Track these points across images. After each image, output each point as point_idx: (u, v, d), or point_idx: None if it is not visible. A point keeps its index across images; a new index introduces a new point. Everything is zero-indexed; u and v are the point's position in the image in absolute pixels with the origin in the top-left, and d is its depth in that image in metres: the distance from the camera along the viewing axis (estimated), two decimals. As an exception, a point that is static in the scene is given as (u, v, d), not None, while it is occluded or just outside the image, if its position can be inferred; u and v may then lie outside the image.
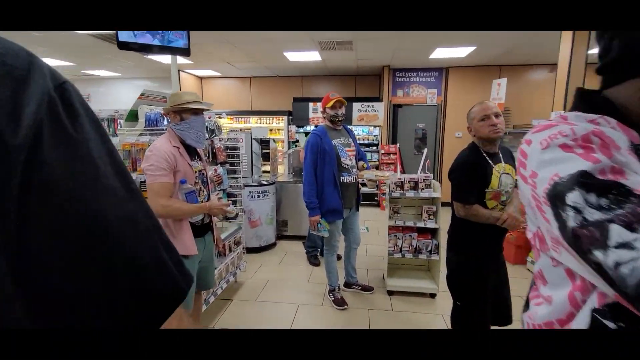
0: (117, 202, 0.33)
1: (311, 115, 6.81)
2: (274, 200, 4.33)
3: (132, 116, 2.28)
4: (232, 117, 7.41)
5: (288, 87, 7.71)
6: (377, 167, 6.63)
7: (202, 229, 1.96)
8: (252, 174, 4.65)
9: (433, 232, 3.13)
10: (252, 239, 4.14)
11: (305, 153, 2.65)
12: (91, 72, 7.53)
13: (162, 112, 2.01)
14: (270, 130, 7.33)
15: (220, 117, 3.03)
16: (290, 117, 7.06)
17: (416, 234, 3.06)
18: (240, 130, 6.50)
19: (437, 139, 6.87)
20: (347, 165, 2.67)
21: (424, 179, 2.99)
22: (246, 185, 4.03)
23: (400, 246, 3.06)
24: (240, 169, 3.27)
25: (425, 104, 6.82)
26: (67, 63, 6.51)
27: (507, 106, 5.94)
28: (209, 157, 2.92)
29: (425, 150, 3.51)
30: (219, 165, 3.03)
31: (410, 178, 3.00)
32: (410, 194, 2.99)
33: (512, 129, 6.09)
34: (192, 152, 1.92)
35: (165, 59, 6.11)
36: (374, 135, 6.82)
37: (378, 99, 6.76)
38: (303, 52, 5.51)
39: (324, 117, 2.67)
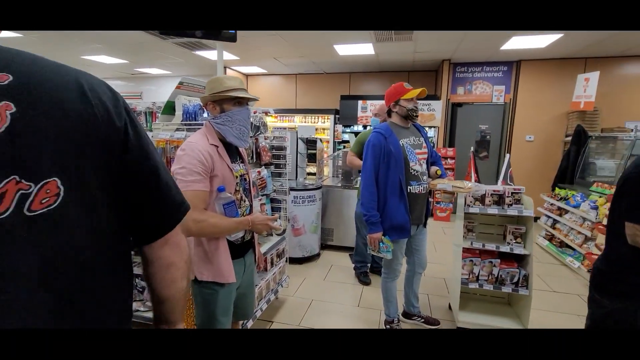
0: (158, 156, 0.69)
1: (359, 114, 6.32)
2: (319, 207, 3.91)
3: (169, 109, 1.98)
4: (276, 115, 7.14)
5: (335, 84, 7.29)
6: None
7: (242, 248, 1.57)
8: (296, 177, 4.28)
9: (519, 260, 2.50)
10: (295, 249, 3.76)
11: (365, 155, 2.18)
12: (143, 70, 7.68)
13: (200, 102, 1.66)
14: (316, 129, 6.95)
15: (267, 114, 2.67)
16: (336, 115, 6.63)
17: (498, 260, 2.46)
18: (285, 129, 6.18)
19: (502, 143, 6.04)
20: (417, 171, 2.16)
21: (512, 192, 2.38)
22: (291, 189, 3.65)
23: (477, 274, 2.48)
24: (286, 172, 2.89)
25: (490, 102, 6.02)
26: (121, 61, 6.64)
27: (596, 106, 5.00)
28: (252, 158, 2.57)
29: (507, 156, 2.89)
30: (264, 167, 2.66)
31: (494, 190, 2.41)
32: (493, 210, 2.40)
33: (599, 133, 5.13)
34: (232, 153, 1.54)
35: (212, 55, 5.98)
36: (429, 137, 6.15)
37: (435, 97, 6.10)
38: (355, 45, 5.04)
39: (395, 113, 2.18)
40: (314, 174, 4.46)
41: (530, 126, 5.80)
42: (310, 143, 4.48)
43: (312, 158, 4.48)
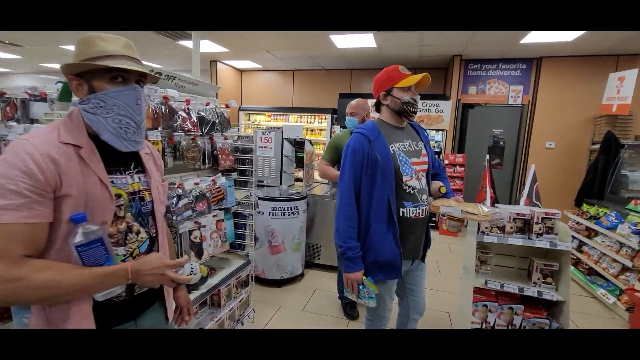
0: None
1: (359, 114, 5.74)
2: (303, 219, 3.34)
3: (66, 93, 1.44)
4: (269, 114, 6.62)
5: (335, 82, 6.72)
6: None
7: (130, 308, 1.01)
8: (280, 183, 3.72)
9: (548, 306, 1.90)
10: (272, 269, 3.19)
11: (342, 164, 1.61)
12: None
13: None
14: (311, 130, 6.39)
15: (227, 107, 2.10)
16: (334, 115, 6.06)
17: (521, 306, 1.86)
18: (275, 128, 5.61)
19: (518, 150, 5.40)
20: (413, 188, 1.58)
21: (543, 218, 1.78)
22: (268, 199, 3.09)
23: (492, 324, 1.88)
24: (253, 180, 2.33)
25: (506, 104, 5.40)
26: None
27: (632, 109, 4.34)
28: (205, 162, 2.01)
29: (532, 167, 2.28)
30: (221, 174, 2.11)
31: (519, 214, 1.81)
32: (517, 240, 1.80)
33: (634, 141, 4.46)
34: (119, 157, 0.98)
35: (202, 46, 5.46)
36: (436, 142, 5.55)
37: (444, 97, 5.49)
38: (354, 35, 4.47)
39: (386, 106, 1.61)
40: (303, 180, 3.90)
41: (551, 131, 5.15)
42: (298, 145, 3.93)
43: (302, 162, 3.93)
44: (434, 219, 5.23)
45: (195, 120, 1.88)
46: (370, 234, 1.53)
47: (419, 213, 1.59)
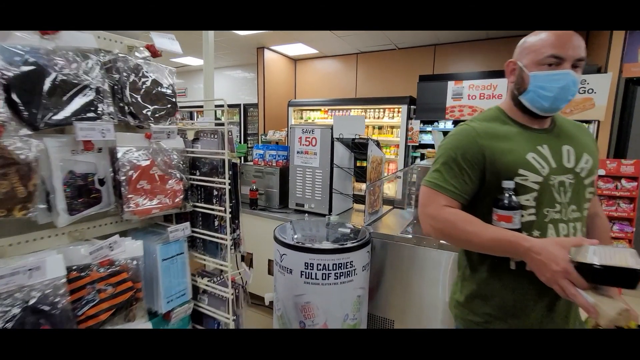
0: None
1: (450, 102, 4.03)
2: (364, 282, 1.87)
3: None
4: (326, 108, 5.28)
5: (411, 62, 5.09)
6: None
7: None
8: (329, 211, 2.34)
9: None
10: (307, 370, 1.79)
11: None
12: (178, 61, 6.58)
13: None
14: (379, 128, 4.88)
15: (154, 52, 0.78)
16: (411, 106, 4.44)
17: None
18: (311, 121, 3.98)
19: None
20: None
21: None
22: (296, 248, 1.71)
23: None
24: (228, 240, 0.96)
25: None
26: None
27: None
28: (49, 206, 0.70)
29: None
30: (118, 234, 0.77)
31: None
32: None
33: None
34: None
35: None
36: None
37: (593, 69, 3.49)
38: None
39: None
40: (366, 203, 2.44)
41: None
42: (359, 148, 2.49)
43: (363, 174, 2.49)
44: None
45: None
46: None
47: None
